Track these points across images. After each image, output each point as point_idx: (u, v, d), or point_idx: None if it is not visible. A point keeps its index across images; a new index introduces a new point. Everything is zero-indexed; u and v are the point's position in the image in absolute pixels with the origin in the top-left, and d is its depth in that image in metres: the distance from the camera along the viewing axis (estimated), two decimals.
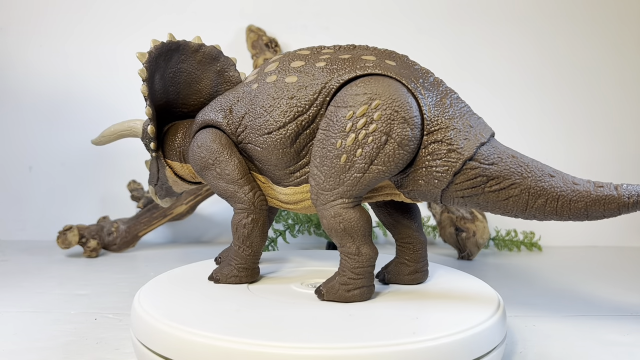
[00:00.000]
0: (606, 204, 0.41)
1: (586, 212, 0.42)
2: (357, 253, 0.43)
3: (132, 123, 0.56)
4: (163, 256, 0.80)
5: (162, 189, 0.55)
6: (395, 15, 0.90)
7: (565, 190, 0.42)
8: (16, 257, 0.78)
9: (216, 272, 0.49)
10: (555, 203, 0.42)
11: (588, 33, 0.90)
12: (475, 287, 0.47)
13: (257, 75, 0.48)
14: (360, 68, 0.44)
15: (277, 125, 0.45)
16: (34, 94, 0.90)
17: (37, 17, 0.90)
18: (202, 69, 0.54)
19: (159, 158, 0.53)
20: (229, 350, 0.35)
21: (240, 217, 0.48)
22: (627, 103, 0.91)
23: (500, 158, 0.42)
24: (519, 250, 0.84)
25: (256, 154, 0.47)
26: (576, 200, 0.41)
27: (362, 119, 0.41)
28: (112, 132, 0.57)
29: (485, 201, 0.42)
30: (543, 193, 0.42)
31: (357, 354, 0.34)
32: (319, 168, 0.43)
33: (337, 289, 0.43)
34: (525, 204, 0.42)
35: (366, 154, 0.41)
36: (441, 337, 0.36)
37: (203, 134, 0.49)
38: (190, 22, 0.90)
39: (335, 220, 0.42)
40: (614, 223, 0.91)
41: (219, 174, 0.48)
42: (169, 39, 0.51)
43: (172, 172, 0.54)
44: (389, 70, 0.44)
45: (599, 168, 0.90)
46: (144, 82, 0.50)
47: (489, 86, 0.90)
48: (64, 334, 0.48)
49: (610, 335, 0.49)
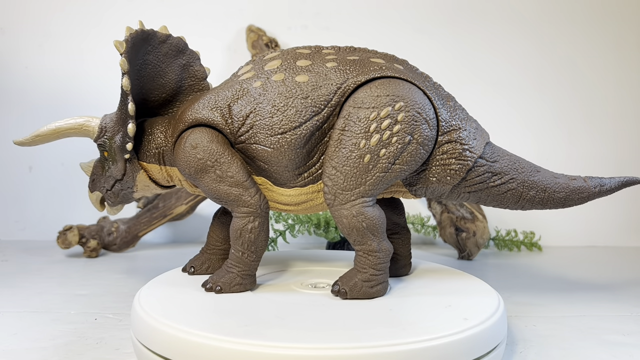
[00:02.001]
0: (580, 194, 0.49)
1: (564, 201, 0.49)
2: (378, 249, 0.44)
3: (81, 120, 0.50)
4: (163, 256, 0.80)
5: (118, 195, 0.51)
6: (395, 16, 0.90)
7: (550, 183, 0.48)
8: (16, 257, 0.78)
9: (214, 281, 0.45)
10: (543, 194, 0.48)
11: (588, 33, 0.90)
12: (475, 287, 0.47)
13: (255, 72, 0.46)
14: (374, 70, 0.45)
15: (292, 125, 0.44)
16: (34, 94, 0.90)
17: (37, 17, 0.90)
18: (168, 62, 0.50)
19: (131, 160, 0.48)
20: (229, 350, 0.35)
21: (245, 222, 0.45)
22: (627, 103, 0.91)
23: (500, 156, 0.47)
24: (519, 250, 0.84)
25: (263, 155, 0.45)
26: (558, 191, 0.48)
27: (387, 120, 0.43)
28: (53, 130, 0.50)
29: (487, 195, 0.47)
30: (534, 186, 0.48)
31: (356, 354, 0.34)
32: (338, 168, 0.43)
33: (360, 287, 0.44)
34: (519, 196, 0.47)
35: (390, 154, 0.43)
36: (441, 337, 0.36)
37: (197, 134, 0.46)
38: (191, 22, 0.90)
39: (357, 219, 0.43)
40: (614, 223, 0.91)
41: (219, 177, 0.45)
42: (140, 27, 0.47)
43: (146, 175, 0.49)
44: (402, 73, 0.46)
45: (598, 168, 0.90)
46: (125, 74, 0.46)
47: (488, 86, 0.90)
48: (64, 334, 0.48)
49: (610, 335, 0.49)
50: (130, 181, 0.49)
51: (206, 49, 0.90)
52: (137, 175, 0.49)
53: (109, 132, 0.48)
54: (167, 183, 0.50)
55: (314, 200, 0.47)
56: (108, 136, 0.48)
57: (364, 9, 0.90)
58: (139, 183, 0.50)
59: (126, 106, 0.46)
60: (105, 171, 0.50)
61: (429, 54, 0.90)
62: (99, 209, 0.53)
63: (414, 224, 0.84)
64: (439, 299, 0.44)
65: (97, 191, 0.51)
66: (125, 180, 0.49)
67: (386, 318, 0.39)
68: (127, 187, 0.50)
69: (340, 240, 0.79)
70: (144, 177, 0.49)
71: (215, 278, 0.46)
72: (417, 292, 0.46)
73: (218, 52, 0.91)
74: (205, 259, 0.51)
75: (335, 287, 0.44)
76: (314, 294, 0.45)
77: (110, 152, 0.49)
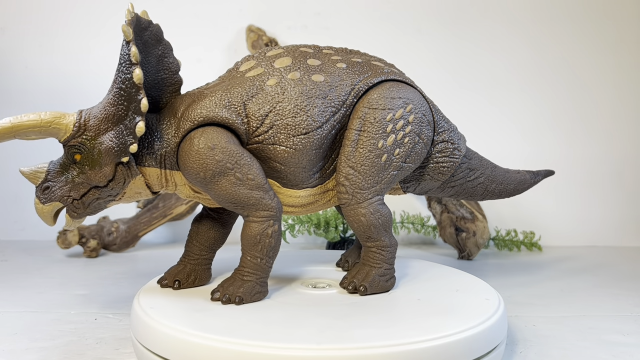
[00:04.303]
0: (523, 185, 0.55)
1: (512, 192, 0.55)
2: (390, 244, 0.46)
3: (47, 116, 0.42)
4: (163, 256, 0.80)
5: (88, 205, 0.43)
6: (395, 16, 0.90)
7: (505, 177, 0.54)
8: (16, 257, 0.78)
9: (231, 292, 0.42)
10: (500, 186, 0.54)
11: (585, 35, 0.90)
12: (475, 287, 0.47)
13: (265, 69, 0.44)
14: (382, 73, 0.47)
15: (316, 125, 0.44)
16: (34, 93, 0.90)
17: (37, 17, 0.90)
18: (146, 51, 0.44)
19: (129, 165, 0.42)
20: (228, 351, 0.35)
21: (264, 227, 0.43)
22: (624, 104, 0.91)
23: (472, 154, 0.52)
24: (519, 250, 0.84)
25: (282, 156, 0.43)
26: (509, 183, 0.54)
27: (400, 121, 0.45)
28: (9, 128, 0.41)
29: (464, 189, 0.52)
30: (495, 179, 0.53)
31: (356, 355, 0.34)
32: (356, 168, 0.44)
33: (378, 281, 0.45)
34: (485, 188, 0.53)
35: (403, 153, 0.46)
36: (441, 337, 0.36)
37: (212, 134, 0.42)
38: (191, 23, 0.90)
39: (374, 217, 0.45)
40: (614, 223, 0.91)
41: (239, 180, 0.42)
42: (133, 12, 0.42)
43: (143, 181, 0.43)
44: (403, 77, 0.48)
45: (597, 168, 0.90)
46: (138, 65, 0.40)
47: (486, 87, 0.90)
48: (64, 334, 0.48)
49: (610, 335, 0.49)
50: (118, 188, 0.43)
51: (206, 49, 0.90)
52: (132, 180, 0.43)
53: (91, 131, 0.41)
54: (158, 189, 0.45)
55: (319, 201, 0.47)
56: (89, 136, 0.41)
57: (364, 9, 0.90)
58: (129, 190, 0.44)
59: (133, 101, 0.41)
60: (74, 177, 0.42)
61: (428, 54, 0.90)
62: (50, 224, 0.44)
63: (414, 224, 0.84)
64: (439, 299, 0.44)
65: (54, 202, 0.42)
66: (111, 187, 0.42)
67: (386, 318, 0.39)
68: (107, 195, 0.43)
69: (340, 240, 0.79)
70: (140, 182, 0.43)
71: (231, 289, 0.43)
72: (417, 292, 0.46)
73: (218, 52, 0.90)
74: (191, 271, 0.47)
75: (351, 285, 0.45)
76: (314, 294, 0.45)
77: (89, 155, 0.41)
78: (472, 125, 0.90)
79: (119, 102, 0.41)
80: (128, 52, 0.41)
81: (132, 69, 0.40)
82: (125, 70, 0.41)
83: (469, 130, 0.90)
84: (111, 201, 0.44)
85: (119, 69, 0.42)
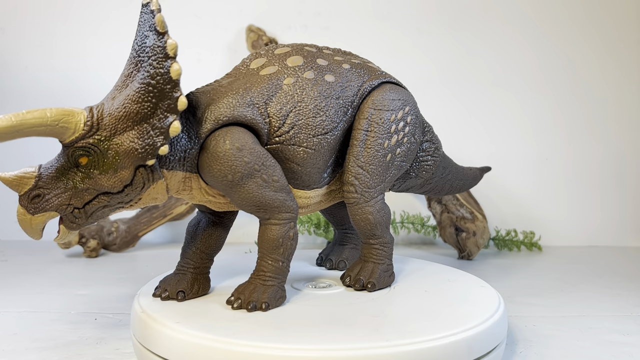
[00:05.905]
0: (474, 180, 0.60)
1: (468, 186, 0.59)
2: (390, 241, 0.48)
3: (54, 114, 0.37)
4: (163, 256, 0.80)
5: (92, 214, 0.39)
6: (395, 16, 0.90)
7: (464, 173, 0.58)
8: (16, 257, 0.78)
9: (255, 299, 0.40)
10: (460, 182, 0.57)
11: (586, 35, 0.90)
12: (475, 286, 0.47)
13: (279, 68, 0.44)
14: (381, 75, 0.48)
15: (333, 125, 0.44)
16: (34, 93, 0.90)
17: (37, 17, 0.90)
18: None
19: (153, 168, 0.38)
20: (228, 351, 0.35)
21: (286, 229, 0.41)
22: (624, 105, 0.91)
23: (443, 152, 0.54)
24: (519, 250, 0.84)
25: (301, 156, 0.43)
26: (467, 179, 0.58)
27: (401, 122, 0.47)
28: (11, 126, 0.35)
29: (437, 185, 0.55)
30: (458, 176, 0.57)
31: (356, 355, 0.34)
32: (365, 167, 0.45)
33: (383, 277, 0.46)
34: (451, 184, 0.57)
35: (402, 153, 0.47)
36: (441, 337, 0.36)
37: (238, 134, 0.40)
38: (191, 23, 0.90)
39: (380, 214, 0.46)
40: (614, 223, 0.91)
41: (265, 182, 0.40)
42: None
43: (165, 185, 0.40)
44: (396, 79, 0.50)
45: (597, 168, 0.90)
46: (175, 59, 0.37)
47: (487, 86, 0.90)
48: (64, 334, 0.48)
49: (610, 335, 0.49)
50: (135, 193, 0.39)
51: (206, 49, 0.90)
52: (153, 185, 0.39)
53: (106, 131, 0.37)
54: (173, 194, 0.41)
55: (323, 202, 0.48)
56: (104, 136, 0.37)
57: (364, 9, 0.90)
58: (147, 195, 0.40)
59: (165, 98, 0.37)
60: (77, 183, 0.37)
61: (428, 54, 0.90)
62: (37, 237, 0.40)
63: (414, 224, 0.84)
64: (439, 299, 0.44)
65: (49, 212, 0.38)
66: (126, 193, 0.38)
67: (386, 318, 0.39)
68: (118, 202, 0.39)
69: None
70: (161, 187, 0.40)
71: (255, 295, 0.40)
72: (417, 292, 0.46)
73: (218, 52, 0.90)
74: (193, 280, 0.44)
75: (358, 282, 0.46)
76: (314, 294, 0.45)
77: (100, 157, 0.37)
78: (472, 125, 0.90)
79: (144, 99, 0.37)
80: (161, 44, 0.37)
81: (169, 63, 0.37)
82: (157, 64, 0.37)
83: (469, 130, 0.90)
84: (120, 208, 0.40)
85: (140, 63, 0.38)
